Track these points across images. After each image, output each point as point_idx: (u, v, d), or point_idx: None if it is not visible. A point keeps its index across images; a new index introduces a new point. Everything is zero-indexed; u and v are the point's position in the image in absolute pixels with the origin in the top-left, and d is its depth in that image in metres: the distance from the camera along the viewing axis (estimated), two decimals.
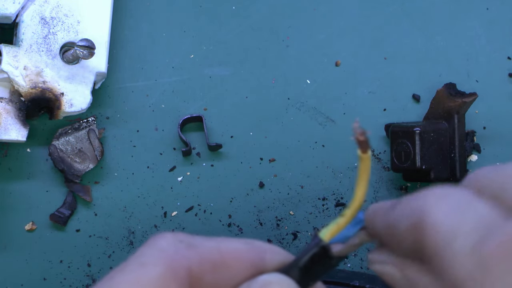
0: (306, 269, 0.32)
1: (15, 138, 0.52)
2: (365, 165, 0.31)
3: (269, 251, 0.33)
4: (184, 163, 0.56)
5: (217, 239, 0.32)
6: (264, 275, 0.31)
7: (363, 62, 0.57)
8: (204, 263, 0.31)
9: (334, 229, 0.32)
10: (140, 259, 0.30)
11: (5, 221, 0.54)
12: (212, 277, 0.31)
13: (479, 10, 0.58)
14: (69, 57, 0.53)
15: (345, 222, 0.32)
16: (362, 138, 0.30)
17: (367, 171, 0.31)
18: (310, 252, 0.32)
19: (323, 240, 0.32)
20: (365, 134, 0.30)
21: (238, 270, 0.32)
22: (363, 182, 0.32)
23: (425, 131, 0.52)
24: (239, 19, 0.58)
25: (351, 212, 0.32)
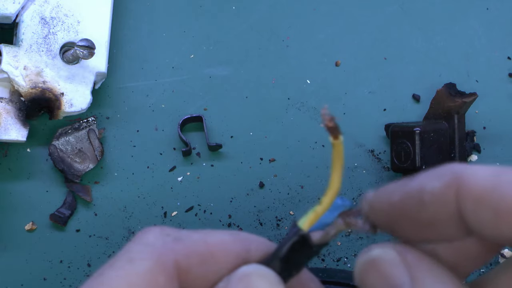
0: (286, 259, 0.32)
1: (15, 138, 0.52)
2: (338, 151, 0.31)
3: (254, 242, 0.33)
4: (184, 163, 0.56)
5: (203, 231, 0.32)
6: (243, 266, 0.32)
7: (363, 62, 0.57)
8: (191, 256, 0.31)
9: (313, 217, 0.32)
10: (128, 255, 0.31)
11: (5, 221, 0.54)
12: (200, 269, 0.31)
13: (479, 10, 0.58)
14: (69, 57, 0.53)
15: (323, 210, 0.32)
16: (331, 124, 0.30)
17: (341, 157, 0.31)
18: (289, 242, 0.31)
19: (302, 229, 0.32)
20: (334, 120, 0.30)
21: (224, 261, 0.32)
22: (337, 168, 0.32)
23: (425, 131, 0.52)
24: (239, 19, 0.58)
25: (328, 199, 0.32)
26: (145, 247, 0.31)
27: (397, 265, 0.31)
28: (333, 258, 0.55)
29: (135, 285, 0.30)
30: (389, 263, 0.31)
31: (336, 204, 0.33)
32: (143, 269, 0.30)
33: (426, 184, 0.30)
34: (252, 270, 0.31)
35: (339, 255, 0.55)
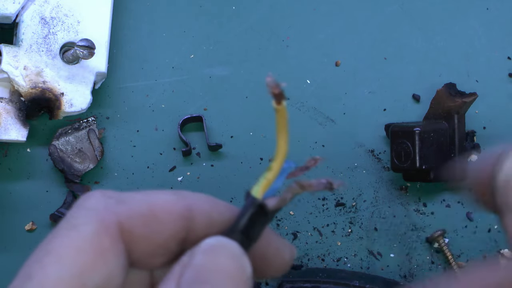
0: (247, 231, 0.31)
1: (15, 138, 0.52)
2: (282, 116, 0.31)
3: (196, 200, 0.33)
4: (184, 163, 0.56)
5: (146, 192, 0.32)
6: (207, 239, 0.31)
7: (363, 62, 0.57)
8: (133, 217, 0.31)
9: (265, 184, 0.32)
10: (72, 221, 0.31)
11: (5, 221, 0.54)
12: (143, 230, 0.31)
13: (479, 10, 0.58)
14: (69, 57, 0.53)
15: (273, 175, 0.32)
16: (277, 91, 0.30)
17: (285, 121, 0.31)
18: (247, 213, 0.32)
19: (257, 198, 0.32)
20: (279, 86, 0.30)
21: (167, 221, 0.32)
22: (283, 133, 0.31)
23: (425, 131, 0.52)
24: (239, 19, 0.58)
25: (278, 164, 0.32)
26: (87, 211, 0.31)
27: None
28: (333, 258, 0.55)
29: (81, 250, 0.29)
30: None
31: (283, 168, 0.33)
32: (87, 233, 0.30)
33: None
34: (216, 243, 0.31)
35: (339, 255, 0.55)
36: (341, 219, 0.55)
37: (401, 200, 0.56)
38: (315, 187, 0.32)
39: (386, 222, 0.56)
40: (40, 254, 0.30)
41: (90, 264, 0.30)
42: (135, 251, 0.31)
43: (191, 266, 0.30)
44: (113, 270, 0.30)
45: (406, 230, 0.56)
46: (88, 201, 0.31)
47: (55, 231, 0.31)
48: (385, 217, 0.56)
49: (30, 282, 0.29)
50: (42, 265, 0.30)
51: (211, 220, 0.33)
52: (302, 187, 0.32)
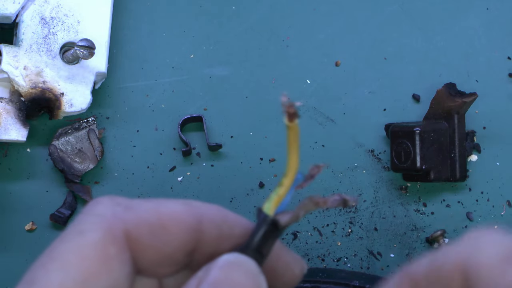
0: (260, 247, 0.32)
1: (15, 138, 0.52)
2: (294, 134, 0.32)
3: (206, 212, 0.32)
4: (184, 163, 0.56)
5: (156, 201, 0.32)
6: (224, 255, 0.31)
7: (363, 62, 0.57)
8: (141, 225, 0.31)
9: (276, 201, 0.32)
10: (78, 227, 0.30)
11: (5, 221, 0.54)
12: (150, 239, 0.31)
13: (479, 10, 0.58)
14: (69, 57, 0.53)
15: (285, 191, 0.32)
16: (292, 110, 0.31)
17: (297, 139, 0.32)
18: (261, 231, 0.31)
19: (269, 215, 0.32)
20: (294, 106, 0.31)
21: (176, 232, 0.31)
22: (294, 149, 0.32)
23: (425, 131, 0.52)
24: (239, 19, 0.58)
25: (289, 180, 0.32)
26: (95, 218, 0.30)
27: None
28: (333, 258, 0.55)
29: (86, 257, 0.29)
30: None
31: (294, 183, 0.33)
32: (93, 240, 0.30)
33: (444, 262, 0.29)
34: (234, 259, 0.31)
35: (339, 255, 0.55)
36: (341, 219, 0.56)
37: (401, 200, 0.56)
38: (329, 204, 0.32)
39: (386, 222, 0.56)
40: (45, 259, 0.30)
41: (94, 271, 0.29)
42: (142, 260, 0.31)
43: (207, 282, 0.29)
44: (118, 278, 0.30)
45: (406, 230, 0.56)
46: (96, 207, 0.31)
47: (62, 237, 0.31)
48: (385, 217, 0.56)
49: None
50: (46, 270, 0.29)
51: (221, 233, 0.32)
52: (316, 204, 0.32)
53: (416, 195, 0.56)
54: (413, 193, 0.56)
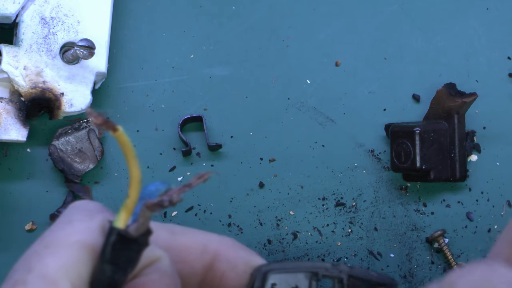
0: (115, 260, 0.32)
1: (15, 138, 0.52)
2: (123, 142, 0.31)
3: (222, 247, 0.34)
4: (184, 163, 0.56)
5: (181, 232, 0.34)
6: None
7: (363, 62, 0.57)
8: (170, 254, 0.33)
9: (125, 212, 0.32)
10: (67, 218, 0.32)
11: (5, 221, 0.54)
12: None
13: (479, 10, 0.58)
14: (69, 57, 0.53)
15: (132, 202, 0.32)
16: (100, 121, 0.30)
17: (128, 147, 0.31)
18: (109, 243, 0.31)
19: (115, 227, 0.32)
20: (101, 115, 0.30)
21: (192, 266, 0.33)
22: (131, 160, 0.31)
23: (425, 131, 0.52)
24: (239, 19, 0.58)
25: (134, 190, 0.32)
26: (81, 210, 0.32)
27: None
28: (333, 258, 0.55)
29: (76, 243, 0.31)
30: None
31: (150, 191, 0.32)
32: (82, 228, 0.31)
33: None
34: None
35: (339, 255, 0.55)
36: (341, 219, 0.56)
37: (401, 200, 0.56)
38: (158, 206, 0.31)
39: (386, 222, 0.56)
40: (38, 247, 0.31)
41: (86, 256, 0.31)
42: None
43: None
44: None
45: (406, 230, 0.56)
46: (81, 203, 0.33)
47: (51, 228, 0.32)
48: (385, 217, 0.56)
49: (30, 274, 0.30)
50: (41, 257, 0.31)
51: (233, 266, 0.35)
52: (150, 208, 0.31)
53: (416, 195, 0.56)
54: (413, 193, 0.56)
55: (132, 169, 0.31)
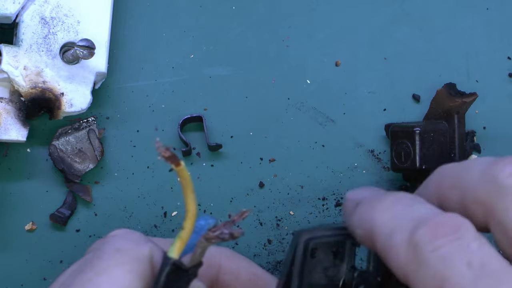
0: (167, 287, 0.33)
1: (15, 138, 0.52)
2: (184, 176, 0.32)
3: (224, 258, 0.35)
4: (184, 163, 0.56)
5: None
6: None
7: (363, 62, 0.57)
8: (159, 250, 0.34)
9: (179, 244, 0.33)
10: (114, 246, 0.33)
11: (5, 221, 0.54)
12: None
13: (479, 10, 0.58)
14: (69, 57, 0.53)
15: (187, 234, 0.33)
16: (168, 154, 0.31)
17: (188, 181, 0.33)
18: (163, 273, 0.33)
19: (171, 257, 0.33)
20: (169, 149, 0.31)
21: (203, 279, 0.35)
22: (189, 193, 0.33)
23: (425, 131, 0.52)
24: (239, 19, 0.58)
25: (189, 223, 0.33)
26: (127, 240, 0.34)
27: None
28: None
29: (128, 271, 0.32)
30: None
31: (200, 225, 0.34)
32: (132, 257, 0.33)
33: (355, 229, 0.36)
34: None
35: None
36: (341, 219, 0.55)
37: None
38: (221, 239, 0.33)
39: None
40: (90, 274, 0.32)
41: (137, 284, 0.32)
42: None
43: None
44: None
45: None
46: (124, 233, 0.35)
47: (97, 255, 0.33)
48: None
49: None
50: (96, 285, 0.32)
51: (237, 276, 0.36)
52: (208, 240, 0.33)
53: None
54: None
55: (189, 203, 0.33)
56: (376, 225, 0.33)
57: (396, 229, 0.32)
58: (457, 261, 0.29)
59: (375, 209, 0.34)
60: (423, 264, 0.30)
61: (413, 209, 0.33)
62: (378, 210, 0.33)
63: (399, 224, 0.32)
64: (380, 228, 0.33)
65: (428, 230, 0.30)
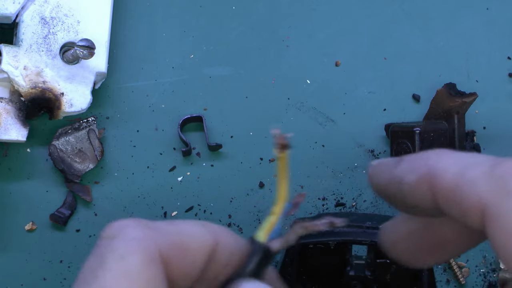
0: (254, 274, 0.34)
1: (15, 138, 0.52)
2: (284, 164, 0.33)
3: (222, 235, 0.34)
4: (184, 163, 0.56)
5: (175, 223, 0.34)
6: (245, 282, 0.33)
7: (363, 62, 0.58)
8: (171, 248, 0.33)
9: (268, 228, 0.34)
10: (117, 252, 0.32)
11: (5, 221, 0.54)
12: (178, 260, 0.33)
13: (479, 10, 0.58)
14: (69, 57, 0.53)
15: (276, 219, 0.34)
16: (284, 142, 0.33)
17: (286, 167, 0.34)
18: (255, 258, 0.34)
19: (262, 243, 0.34)
20: (286, 138, 0.33)
21: (198, 253, 0.33)
22: (284, 179, 0.34)
23: (425, 131, 0.53)
24: (239, 19, 0.58)
25: (279, 208, 0.34)
26: (130, 241, 0.32)
27: None
28: None
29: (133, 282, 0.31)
30: None
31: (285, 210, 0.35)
32: (137, 264, 0.31)
33: (405, 176, 0.33)
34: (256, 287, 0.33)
35: None
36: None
37: None
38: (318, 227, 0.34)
39: None
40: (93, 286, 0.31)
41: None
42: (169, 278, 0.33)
43: None
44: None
45: None
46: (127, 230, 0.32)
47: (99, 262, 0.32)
48: None
49: None
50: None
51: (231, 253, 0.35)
52: (305, 229, 0.34)
53: None
54: None
55: (282, 187, 0.34)
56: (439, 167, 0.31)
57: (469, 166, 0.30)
58: None
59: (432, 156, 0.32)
60: None
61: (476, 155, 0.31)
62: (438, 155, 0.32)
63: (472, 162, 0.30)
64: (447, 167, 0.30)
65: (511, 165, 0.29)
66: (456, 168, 0.30)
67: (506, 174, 0.29)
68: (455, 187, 0.30)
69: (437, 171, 0.31)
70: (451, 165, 0.31)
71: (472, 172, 0.30)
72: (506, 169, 0.29)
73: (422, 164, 0.32)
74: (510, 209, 0.28)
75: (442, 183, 0.31)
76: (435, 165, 0.31)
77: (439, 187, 0.31)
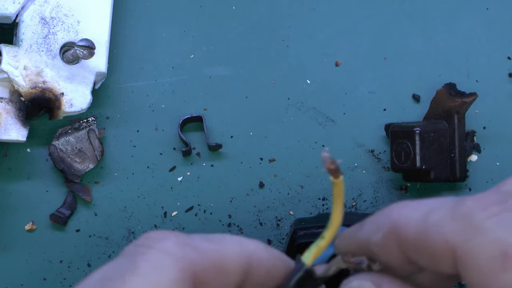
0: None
1: (15, 138, 0.52)
2: (339, 190, 0.33)
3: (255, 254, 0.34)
4: (184, 163, 0.56)
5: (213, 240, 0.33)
6: None
7: (363, 62, 0.57)
8: (208, 269, 0.32)
9: (316, 252, 0.34)
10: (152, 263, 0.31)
11: (5, 221, 0.54)
12: (213, 281, 0.32)
13: (479, 10, 0.58)
14: (69, 57, 0.53)
15: (325, 244, 0.34)
16: (333, 166, 0.32)
17: (341, 194, 0.33)
18: (296, 277, 0.34)
19: (306, 264, 0.34)
20: (335, 162, 0.32)
21: (234, 274, 0.33)
22: (339, 205, 0.33)
23: (425, 131, 0.52)
24: (239, 19, 0.58)
25: (331, 233, 0.34)
26: (167, 256, 0.31)
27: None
28: None
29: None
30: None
31: None
32: (170, 278, 0.30)
33: (371, 237, 0.32)
34: None
35: None
36: None
37: (401, 200, 0.56)
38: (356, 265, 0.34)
39: None
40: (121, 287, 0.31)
41: None
42: None
43: None
44: None
45: None
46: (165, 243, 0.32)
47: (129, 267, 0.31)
48: None
49: None
50: None
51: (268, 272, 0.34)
52: (346, 263, 0.34)
53: (416, 195, 0.56)
54: (413, 193, 0.56)
55: (336, 213, 0.33)
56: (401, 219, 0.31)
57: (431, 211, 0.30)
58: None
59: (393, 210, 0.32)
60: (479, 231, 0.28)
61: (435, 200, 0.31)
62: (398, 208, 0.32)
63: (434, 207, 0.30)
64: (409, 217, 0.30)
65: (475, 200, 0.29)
66: (418, 215, 0.30)
67: (469, 212, 0.29)
68: (421, 234, 0.30)
69: (401, 223, 0.31)
70: (413, 214, 0.31)
71: (435, 216, 0.30)
72: (468, 208, 0.29)
73: (384, 221, 0.32)
74: (479, 245, 0.28)
75: (407, 233, 0.30)
76: (397, 218, 0.31)
77: (406, 238, 0.31)
